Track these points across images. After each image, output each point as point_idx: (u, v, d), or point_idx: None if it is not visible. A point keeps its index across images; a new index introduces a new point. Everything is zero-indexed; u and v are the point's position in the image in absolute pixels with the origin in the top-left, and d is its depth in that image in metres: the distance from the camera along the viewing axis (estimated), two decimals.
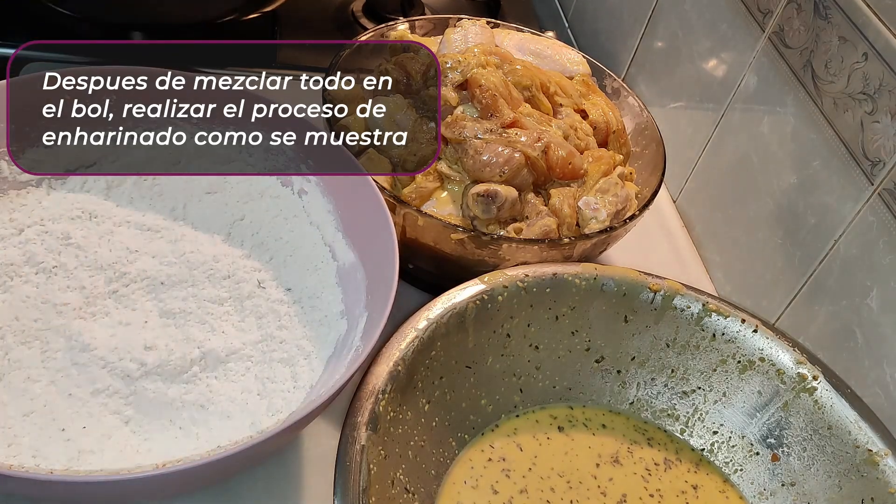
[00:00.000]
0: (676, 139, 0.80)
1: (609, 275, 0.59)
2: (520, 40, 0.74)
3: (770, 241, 0.68)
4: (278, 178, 0.61)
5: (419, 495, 0.51)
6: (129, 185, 0.60)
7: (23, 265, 0.54)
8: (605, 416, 0.60)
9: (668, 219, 0.81)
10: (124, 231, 0.58)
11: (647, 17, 0.87)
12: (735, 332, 0.59)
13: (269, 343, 0.55)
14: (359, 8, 0.96)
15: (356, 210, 0.57)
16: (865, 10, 0.58)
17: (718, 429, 0.59)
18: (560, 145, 0.63)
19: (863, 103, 0.58)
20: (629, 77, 0.91)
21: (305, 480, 0.53)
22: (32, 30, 0.80)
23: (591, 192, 0.64)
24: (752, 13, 0.71)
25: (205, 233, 0.60)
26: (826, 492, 0.54)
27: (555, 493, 0.55)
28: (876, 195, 0.58)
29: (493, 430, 0.58)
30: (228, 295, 0.56)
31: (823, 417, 0.55)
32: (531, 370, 0.59)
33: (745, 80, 0.72)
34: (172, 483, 0.43)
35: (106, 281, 0.55)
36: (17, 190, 0.57)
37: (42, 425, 0.47)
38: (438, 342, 0.53)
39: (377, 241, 0.54)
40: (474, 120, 0.63)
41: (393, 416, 0.50)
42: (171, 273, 0.56)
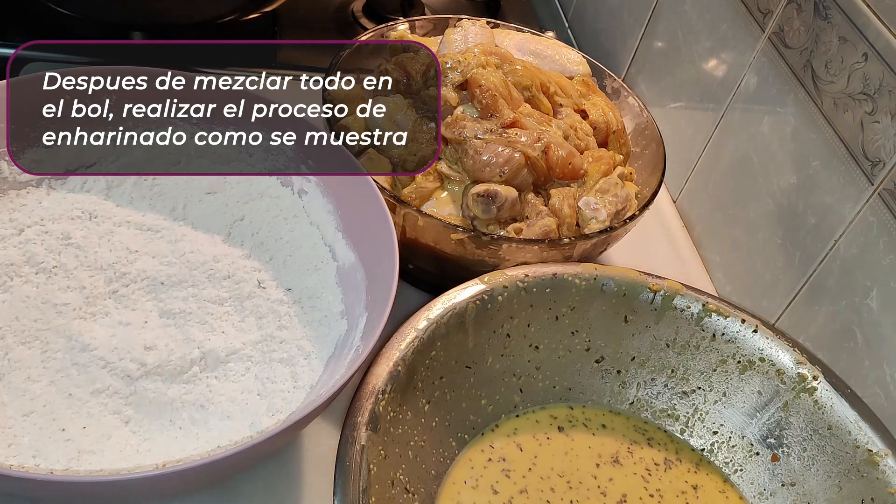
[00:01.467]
0: (676, 139, 0.80)
1: (609, 275, 0.59)
2: (520, 40, 0.74)
3: (770, 241, 0.68)
4: (278, 178, 0.61)
5: (419, 495, 0.51)
6: (129, 185, 0.60)
7: (23, 265, 0.54)
8: (605, 416, 0.60)
9: (668, 219, 0.81)
10: (124, 231, 0.58)
11: (647, 17, 0.87)
12: (735, 332, 0.59)
13: (269, 343, 0.55)
14: (359, 8, 0.96)
15: (356, 210, 0.57)
16: (865, 11, 0.58)
17: (718, 429, 0.59)
18: (560, 145, 0.63)
19: (863, 103, 0.58)
20: (629, 77, 0.91)
21: (305, 480, 0.53)
22: (32, 30, 0.80)
23: (591, 192, 0.64)
24: (752, 13, 0.71)
25: (205, 233, 0.60)
26: (826, 492, 0.54)
27: (555, 494, 0.55)
28: (876, 195, 0.58)
29: (493, 430, 0.58)
30: (228, 295, 0.56)
31: (823, 417, 0.55)
32: (531, 370, 0.59)
33: (745, 81, 0.72)
34: (172, 483, 0.43)
35: (106, 281, 0.55)
36: (17, 190, 0.57)
37: (42, 425, 0.47)
38: (438, 342, 0.53)
39: (377, 242, 0.54)
40: (474, 120, 0.63)
41: (393, 416, 0.50)
42: (171, 273, 0.56)
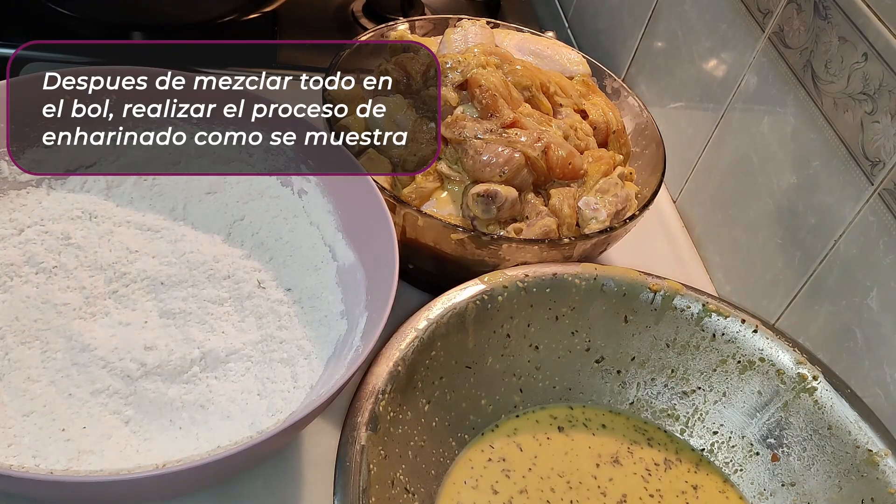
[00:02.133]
0: (676, 139, 0.80)
1: (609, 275, 0.59)
2: (520, 40, 0.74)
3: (770, 241, 0.68)
4: (278, 178, 0.61)
5: (419, 495, 0.51)
6: (129, 185, 0.60)
7: (23, 265, 0.54)
8: (605, 416, 0.60)
9: (668, 219, 0.81)
10: (124, 231, 0.58)
11: (647, 17, 0.87)
12: (735, 332, 0.59)
13: (269, 343, 0.55)
14: (359, 8, 0.96)
15: (356, 210, 0.57)
16: (865, 11, 0.58)
17: (718, 429, 0.59)
18: (560, 145, 0.63)
19: (863, 103, 0.58)
20: (629, 77, 0.91)
21: (305, 480, 0.53)
22: (32, 30, 0.80)
23: (591, 192, 0.64)
24: (752, 13, 0.71)
25: (205, 233, 0.60)
26: (826, 492, 0.54)
27: (555, 494, 0.55)
28: (876, 195, 0.58)
29: (493, 430, 0.58)
30: (228, 295, 0.56)
31: (823, 417, 0.55)
32: (531, 370, 0.59)
33: (745, 80, 0.72)
34: (172, 483, 0.43)
35: (106, 281, 0.55)
36: (17, 190, 0.57)
37: (42, 425, 0.47)
38: (438, 342, 0.53)
39: (377, 241, 0.54)
40: (474, 120, 0.63)
41: (393, 416, 0.50)
42: (171, 273, 0.56)
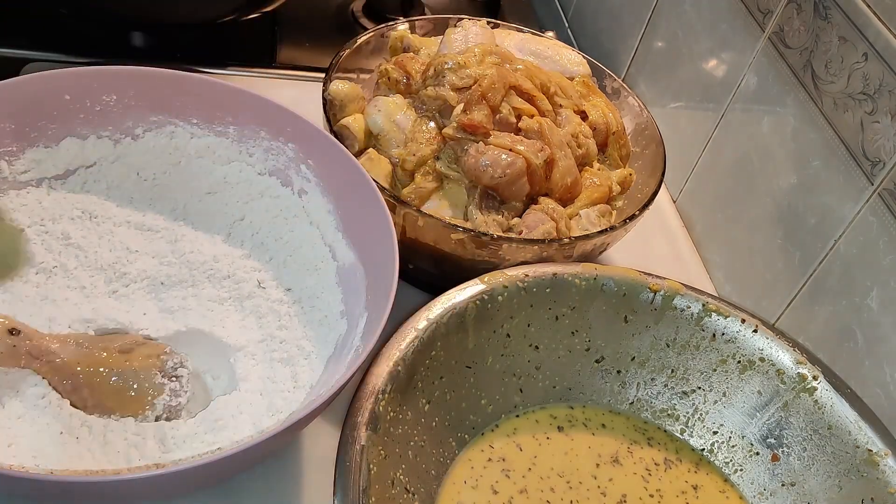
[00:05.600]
0: (676, 139, 0.80)
1: (609, 275, 0.59)
2: (520, 40, 0.74)
3: (770, 241, 0.68)
4: (278, 178, 0.61)
5: (419, 495, 0.51)
6: (129, 185, 0.60)
7: (23, 265, 0.54)
8: (605, 416, 0.60)
9: (668, 219, 0.81)
10: (124, 231, 0.58)
11: (647, 17, 0.87)
12: (735, 332, 0.58)
13: (269, 343, 0.55)
14: (359, 8, 0.96)
15: (356, 210, 0.57)
16: (865, 10, 0.58)
17: (718, 429, 0.59)
18: (568, 171, 0.63)
19: (863, 103, 0.58)
20: (629, 77, 0.91)
21: (305, 480, 0.53)
22: (33, 29, 0.80)
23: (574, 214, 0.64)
24: (752, 13, 0.71)
25: (205, 233, 0.60)
26: (826, 492, 0.54)
27: (555, 494, 0.55)
28: (876, 195, 0.58)
29: (493, 430, 0.58)
30: (228, 295, 0.56)
31: (823, 417, 0.55)
32: (531, 370, 0.59)
33: (745, 80, 0.72)
34: (172, 483, 0.43)
35: (106, 281, 0.55)
36: (17, 190, 0.57)
37: (42, 426, 0.47)
38: (438, 342, 0.53)
39: (377, 241, 0.54)
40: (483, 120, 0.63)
41: (393, 416, 0.49)
42: (171, 273, 0.56)
